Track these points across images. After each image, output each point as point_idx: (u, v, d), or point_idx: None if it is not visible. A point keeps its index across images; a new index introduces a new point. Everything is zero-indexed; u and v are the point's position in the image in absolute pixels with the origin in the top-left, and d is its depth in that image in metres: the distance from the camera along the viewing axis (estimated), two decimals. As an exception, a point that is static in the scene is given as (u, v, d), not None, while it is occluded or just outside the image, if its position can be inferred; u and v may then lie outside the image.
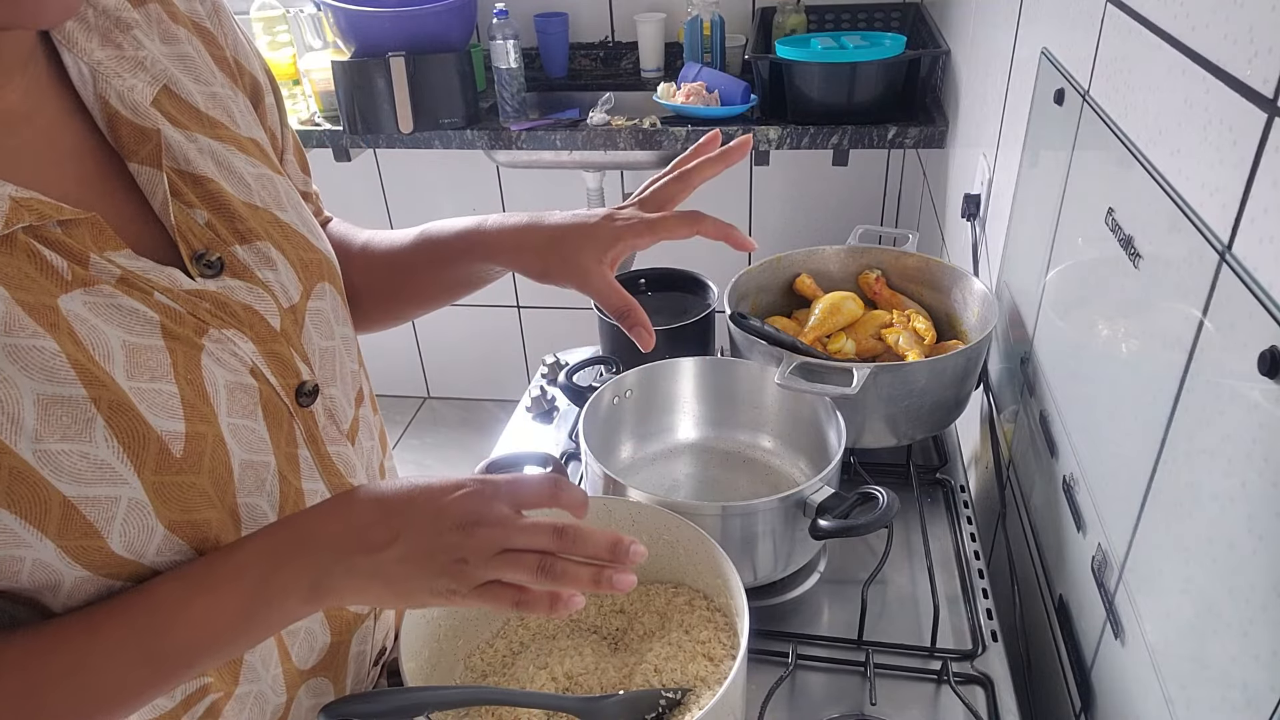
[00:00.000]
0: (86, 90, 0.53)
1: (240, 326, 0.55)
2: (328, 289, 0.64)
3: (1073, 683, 0.80)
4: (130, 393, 0.48)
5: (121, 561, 0.49)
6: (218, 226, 0.56)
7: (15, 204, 0.45)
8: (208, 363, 0.53)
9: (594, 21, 2.30)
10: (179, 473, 0.50)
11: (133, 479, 0.48)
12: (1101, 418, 0.76)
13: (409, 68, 1.90)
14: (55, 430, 0.45)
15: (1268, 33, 0.50)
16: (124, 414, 0.48)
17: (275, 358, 0.58)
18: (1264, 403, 0.48)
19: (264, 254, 0.59)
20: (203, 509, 0.52)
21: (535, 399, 1.22)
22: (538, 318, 2.70)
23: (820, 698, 0.80)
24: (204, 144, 0.58)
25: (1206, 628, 0.55)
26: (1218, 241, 0.55)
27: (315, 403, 0.61)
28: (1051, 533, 0.88)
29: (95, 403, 0.47)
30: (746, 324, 1.00)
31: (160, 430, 0.49)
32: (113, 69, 0.53)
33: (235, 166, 0.59)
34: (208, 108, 0.60)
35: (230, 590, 0.51)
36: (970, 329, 1.08)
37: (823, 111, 1.86)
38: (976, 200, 1.32)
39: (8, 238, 0.45)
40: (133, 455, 0.48)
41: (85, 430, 0.46)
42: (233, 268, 0.56)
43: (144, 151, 0.54)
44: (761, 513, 0.80)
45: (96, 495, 0.47)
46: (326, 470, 0.63)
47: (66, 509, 0.46)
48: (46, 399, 0.45)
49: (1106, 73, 0.79)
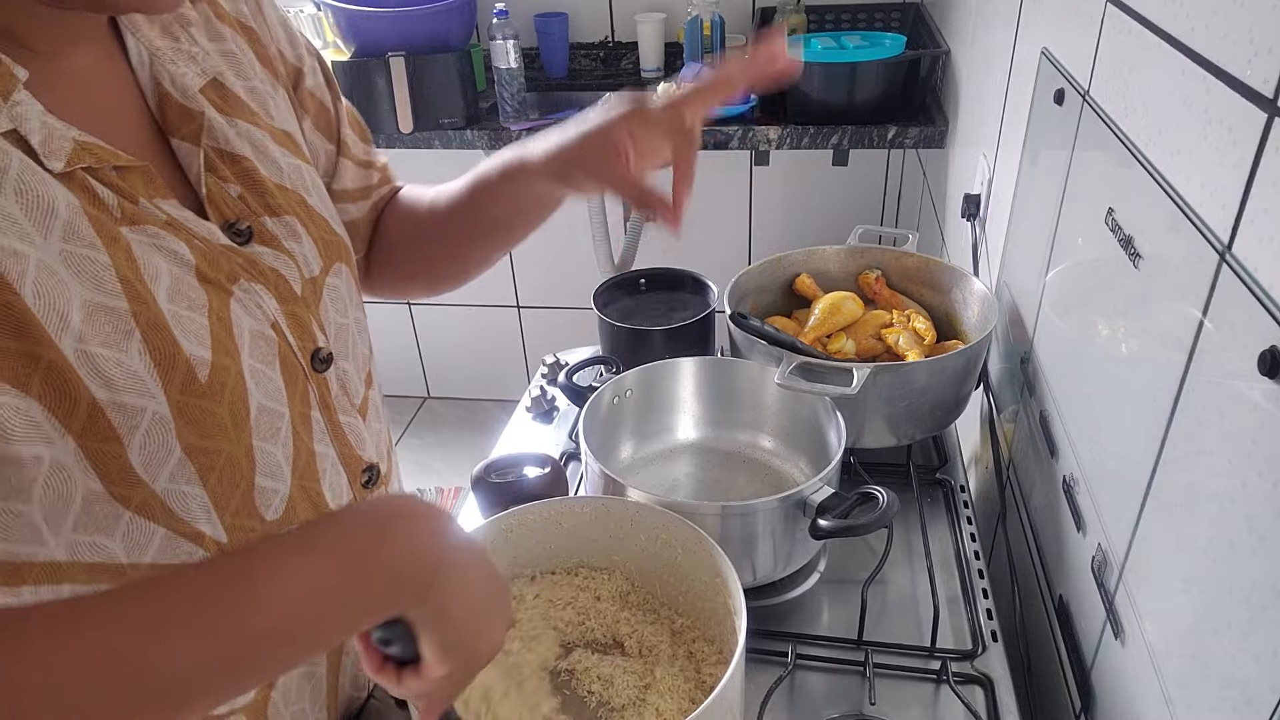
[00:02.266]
0: (144, 71, 0.58)
1: (266, 285, 0.59)
2: (344, 269, 0.68)
3: (1073, 683, 0.80)
4: (167, 315, 0.51)
5: (135, 479, 0.51)
6: (249, 200, 0.61)
7: (79, 146, 0.49)
8: (235, 307, 0.56)
9: (594, 21, 2.30)
10: (202, 396, 0.53)
11: (160, 394, 0.51)
12: (1101, 418, 0.76)
13: (409, 68, 1.90)
14: (97, 335, 0.48)
15: (1268, 33, 0.50)
16: (159, 332, 0.51)
17: (295, 319, 0.61)
18: (1264, 403, 0.48)
19: (290, 227, 0.63)
20: (219, 439, 0.54)
21: (535, 399, 1.22)
22: (538, 318, 2.70)
23: (820, 698, 0.80)
24: (243, 129, 0.62)
25: (1206, 628, 0.55)
26: (1218, 241, 0.55)
27: (329, 370, 0.65)
28: (1051, 533, 0.88)
29: (135, 317, 0.50)
30: (746, 324, 1.00)
31: (190, 354, 0.52)
32: (169, 56, 0.59)
33: (270, 152, 0.64)
34: (249, 101, 0.64)
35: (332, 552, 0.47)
36: (970, 329, 1.08)
37: (823, 111, 1.86)
38: (976, 200, 1.32)
39: (69, 174, 0.49)
40: (162, 372, 0.51)
41: (124, 341, 0.49)
42: (261, 236, 0.61)
43: (186, 130, 0.59)
44: (761, 513, 0.80)
45: (124, 402, 0.49)
46: (337, 437, 0.66)
47: (93, 410, 0.48)
48: (92, 305, 0.48)
49: (1106, 73, 0.79)
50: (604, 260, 2.40)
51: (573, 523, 0.78)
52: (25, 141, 0.47)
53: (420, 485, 2.50)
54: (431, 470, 2.60)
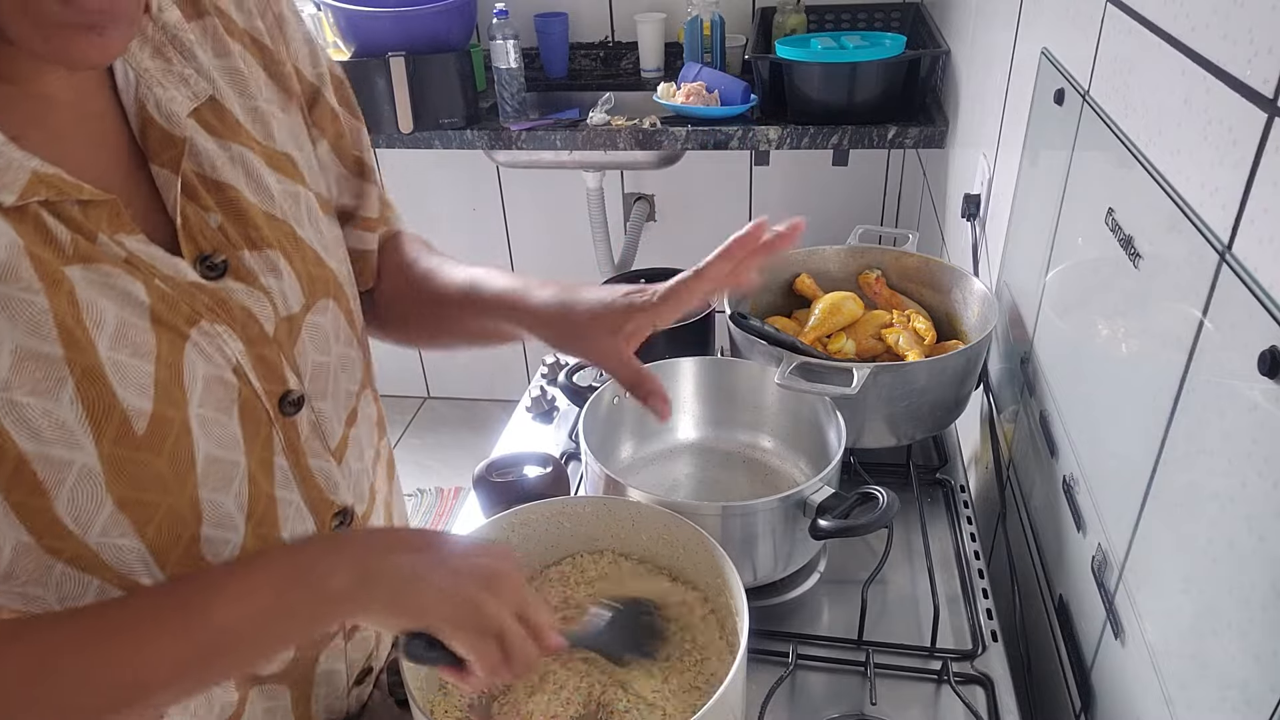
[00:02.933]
0: (128, 93, 0.56)
1: (233, 325, 0.57)
2: (330, 305, 0.65)
3: (1073, 683, 0.80)
4: (106, 362, 0.50)
5: (65, 531, 0.50)
6: (229, 231, 0.58)
7: (35, 178, 0.48)
8: (190, 352, 0.54)
9: (594, 21, 2.30)
10: (138, 449, 0.51)
11: (89, 445, 0.49)
12: (1101, 418, 0.76)
13: (409, 68, 1.90)
14: (26, 383, 0.47)
15: (1268, 33, 0.50)
16: (94, 382, 0.49)
17: (263, 362, 0.58)
18: (1264, 403, 0.48)
19: (271, 262, 0.60)
20: (155, 491, 0.53)
21: (535, 399, 1.22)
22: (538, 318, 2.70)
23: (820, 698, 0.80)
24: (236, 152, 0.60)
25: (1206, 628, 0.55)
26: (1218, 241, 0.55)
27: (300, 413, 0.62)
28: (1051, 533, 0.88)
29: (69, 364, 0.48)
30: (746, 324, 1.00)
31: (126, 405, 0.50)
32: (156, 78, 0.57)
33: (263, 178, 0.62)
34: (247, 122, 0.62)
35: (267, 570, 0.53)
36: (970, 329, 1.08)
37: (823, 111, 1.86)
38: (976, 200, 1.32)
39: (21, 209, 0.47)
40: (94, 422, 0.49)
41: (55, 390, 0.48)
42: (236, 271, 0.58)
43: (166, 155, 0.56)
44: (761, 513, 0.80)
45: (51, 455, 0.48)
46: (305, 482, 0.63)
47: (19, 463, 0.47)
48: (24, 352, 0.47)
49: (1106, 73, 0.79)
50: (604, 260, 2.41)
51: (574, 522, 0.78)
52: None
53: (420, 485, 2.50)
54: (431, 470, 2.60)
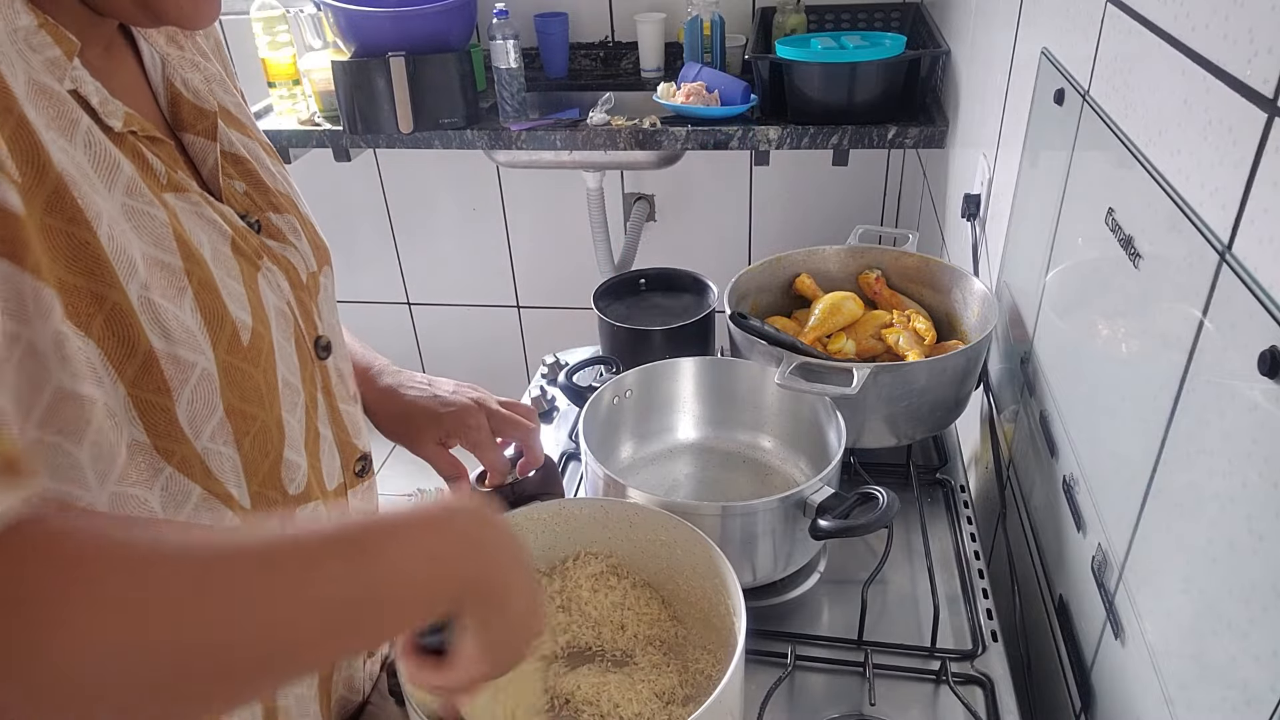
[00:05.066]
0: (156, 73, 0.60)
1: (280, 268, 0.62)
2: (331, 273, 0.71)
3: (1073, 683, 0.80)
4: (215, 277, 0.54)
5: (179, 433, 0.52)
6: (254, 197, 0.63)
7: (126, 113, 0.52)
8: (262, 282, 0.59)
9: (594, 21, 2.30)
10: (244, 360, 0.55)
11: (209, 351, 0.52)
12: (1101, 418, 0.76)
13: (409, 68, 1.90)
14: (157, 287, 0.49)
15: (1268, 33, 0.50)
16: (209, 292, 0.53)
17: (302, 305, 0.64)
18: (1264, 403, 0.48)
19: (292, 224, 0.66)
20: (255, 404, 0.56)
21: (535, 399, 1.22)
22: (538, 318, 2.70)
23: (820, 698, 0.79)
24: (237, 138, 0.65)
25: (1206, 628, 0.55)
26: (1218, 241, 0.55)
27: (330, 359, 0.67)
28: (1051, 533, 0.88)
29: (188, 275, 0.52)
30: (746, 324, 1.00)
31: (235, 317, 0.54)
32: (177, 63, 0.61)
33: (263, 160, 0.66)
34: (237, 112, 0.67)
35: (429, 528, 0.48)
36: (970, 329, 1.08)
37: (823, 111, 1.85)
38: (976, 200, 1.32)
39: (122, 137, 0.51)
40: (211, 330, 0.52)
41: (179, 296, 0.51)
42: (268, 229, 0.63)
43: (201, 126, 0.60)
44: (761, 513, 0.80)
45: (178, 355, 0.50)
46: (335, 423, 0.68)
47: (149, 359, 0.49)
48: (151, 259, 0.50)
49: (1106, 73, 0.79)
50: (604, 260, 2.40)
51: (573, 524, 0.78)
52: (85, 102, 0.49)
53: (420, 485, 2.50)
54: (431, 470, 2.59)
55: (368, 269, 2.67)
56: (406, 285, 2.70)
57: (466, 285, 2.67)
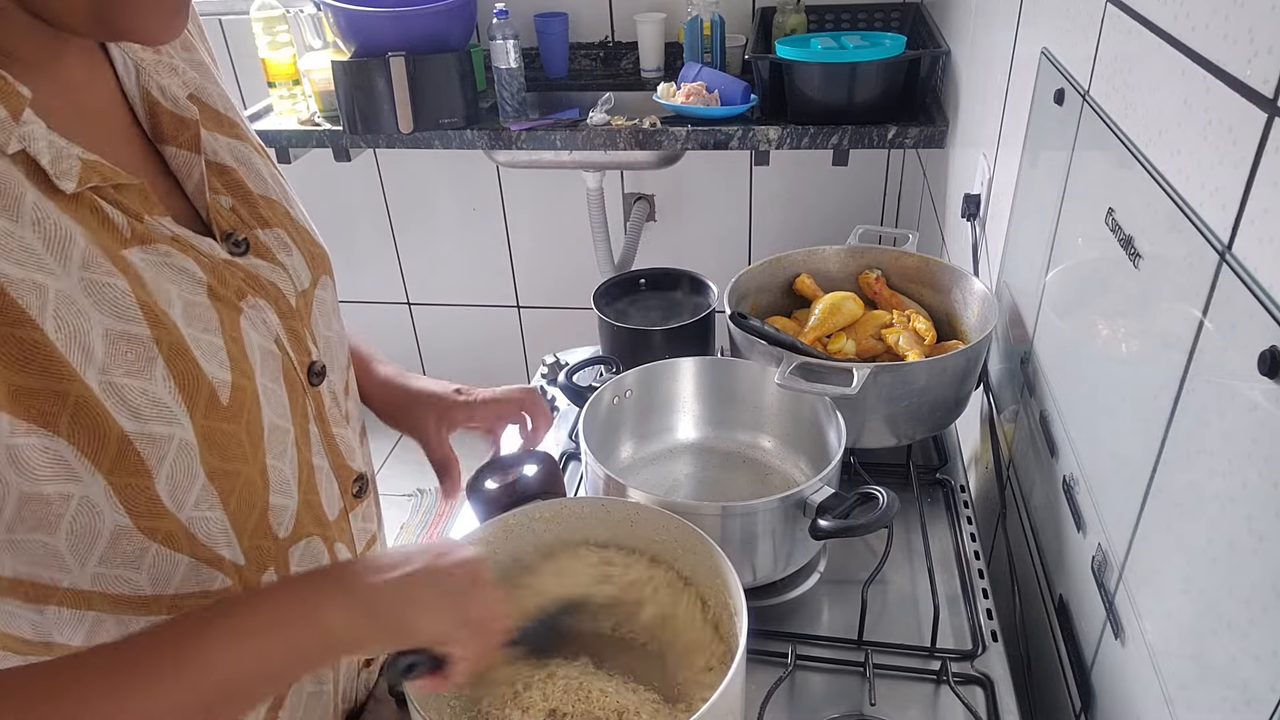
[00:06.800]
0: (130, 81, 0.57)
1: (267, 299, 0.59)
2: (329, 282, 0.69)
3: (1073, 683, 0.80)
4: (188, 338, 0.51)
5: (162, 509, 0.51)
6: (241, 211, 0.60)
7: (85, 165, 0.49)
8: (245, 325, 0.56)
9: (594, 21, 2.30)
10: (224, 420, 0.53)
11: (185, 420, 0.51)
12: (1101, 418, 0.76)
13: (409, 68, 1.90)
14: (120, 365, 0.48)
15: (1268, 33, 0.50)
16: (181, 357, 0.51)
17: (293, 333, 0.61)
18: (1264, 403, 0.48)
19: (281, 239, 0.63)
20: (239, 461, 0.55)
21: (535, 399, 1.22)
22: (538, 318, 2.70)
23: (820, 698, 0.79)
24: (224, 143, 0.62)
25: (1206, 628, 0.55)
26: (1218, 241, 0.55)
27: (323, 383, 0.65)
28: (1051, 533, 0.88)
29: (157, 343, 0.49)
30: (746, 324, 1.00)
31: (211, 377, 0.52)
32: (153, 68, 0.58)
33: (253, 163, 0.64)
34: (225, 110, 0.64)
35: (261, 602, 0.52)
36: (970, 329, 1.08)
37: (823, 111, 1.85)
38: (976, 200, 1.32)
39: (77, 196, 0.48)
40: (186, 397, 0.51)
41: (147, 368, 0.49)
42: (256, 248, 0.60)
43: (183, 137, 0.58)
44: (761, 513, 0.80)
45: (152, 432, 0.49)
46: (330, 449, 0.66)
47: (123, 444, 0.48)
48: (114, 334, 0.48)
49: (1106, 73, 0.79)
50: (604, 260, 2.41)
51: (572, 524, 0.78)
52: (34, 163, 0.46)
53: (420, 486, 2.50)
54: (431, 470, 2.59)
55: (367, 269, 2.67)
56: (406, 285, 2.70)
57: (466, 285, 2.67)
